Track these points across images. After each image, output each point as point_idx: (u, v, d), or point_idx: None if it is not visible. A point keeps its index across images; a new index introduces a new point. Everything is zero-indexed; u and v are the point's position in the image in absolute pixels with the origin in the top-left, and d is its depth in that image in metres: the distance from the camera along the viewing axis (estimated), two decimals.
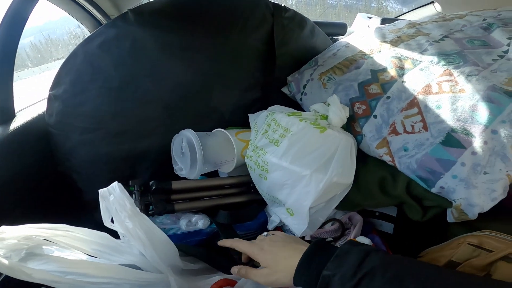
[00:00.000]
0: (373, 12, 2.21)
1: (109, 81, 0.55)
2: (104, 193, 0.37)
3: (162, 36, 0.56)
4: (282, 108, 0.57)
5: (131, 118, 0.57)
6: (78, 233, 0.36)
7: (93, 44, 0.54)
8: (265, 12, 0.65)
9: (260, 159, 0.50)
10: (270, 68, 0.67)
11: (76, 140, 0.56)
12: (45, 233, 0.34)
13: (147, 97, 0.57)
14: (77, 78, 0.54)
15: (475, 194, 0.43)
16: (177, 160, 0.56)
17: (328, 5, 2.14)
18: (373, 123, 0.52)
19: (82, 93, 0.54)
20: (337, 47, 0.70)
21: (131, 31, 0.55)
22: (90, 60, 0.54)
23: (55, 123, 0.56)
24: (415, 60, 0.55)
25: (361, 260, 0.30)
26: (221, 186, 0.57)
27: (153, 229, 0.38)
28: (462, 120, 0.44)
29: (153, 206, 0.50)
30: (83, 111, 0.55)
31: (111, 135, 0.57)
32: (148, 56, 0.56)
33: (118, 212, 0.36)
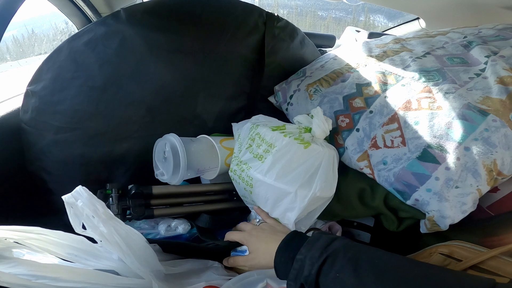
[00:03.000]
0: (361, 26, 2.28)
1: (91, 80, 0.53)
2: (69, 199, 0.35)
3: (152, 37, 0.55)
4: (266, 119, 0.56)
5: (111, 120, 0.55)
6: (53, 236, 0.34)
7: (79, 41, 0.52)
8: (257, 20, 0.65)
9: (245, 173, 0.50)
10: (257, 76, 0.67)
11: (50, 139, 0.53)
12: (16, 236, 0.32)
13: (130, 98, 0.56)
14: (58, 74, 0.52)
15: (447, 206, 0.45)
16: (158, 165, 0.55)
17: (318, 16, 2.20)
18: (355, 137, 0.54)
19: (61, 91, 0.52)
20: (325, 59, 0.72)
21: (121, 30, 0.53)
22: (74, 57, 0.52)
23: (29, 120, 0.53)
24: (398, 76, 0.56)
25: (327, 244, 0.35)
26: (203, 193, 0.56)
27: (130, 233, 0.37)
28: (438, 137, 0.47)
29: (131, 211, 0.48)
30: (61, 109, 0.53)
31: (89, 136, 0.55)
32: (135, 57, 0.55)
33: (90, 218, 0.34)
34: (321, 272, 0.33)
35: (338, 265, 0.33)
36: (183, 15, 0.58)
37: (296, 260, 0.36)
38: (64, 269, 0.33)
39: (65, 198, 0.34)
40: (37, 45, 1.85)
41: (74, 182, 0.41)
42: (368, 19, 2.30)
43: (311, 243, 0.37)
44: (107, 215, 0.35)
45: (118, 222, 0.36)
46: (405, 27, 1.28)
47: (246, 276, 0.42)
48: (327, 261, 0.34)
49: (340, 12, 2.31)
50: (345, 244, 0.35)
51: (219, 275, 0.46)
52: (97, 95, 0.54)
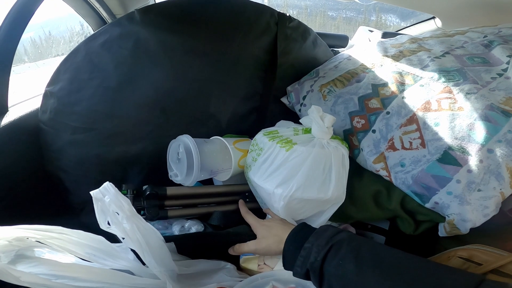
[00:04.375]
0: (372, 26, 2.25)
1: (107, 81, 0.54)
2: (98, 194, 0.35)
3: (165, 38, 0.56)
4: (284, 124, 0.57)
5: (126, 120, 0.56)
6: (73, 235, 0.34)
7: (96, 42, 0.53)
8: (269, 20, 0.64)
9: (247, 175, 0.54)
10: (270, 77, 0.67)
11: (68, 139, 0.54)
12: (39, 235, 0.32)
13: (145, 99, 0.56)
14: (75, 75, 0.53)
15: (468, 210, 0.44)
16: (172, 166, 0.55)
17: (328, 16, 2.17)
18: (371, 138, 0.53)
19: (79, 91, 0.53)
20: (339, 59, 0.71)
21: (135, 31, 0.54)
22: (90, 58, 0.53)
23: (48, 120, 0.54)
24: (416, 76, 0.55)
25: (333, 234, 0.38)
26: (216, 194, 0.56)
27: (150, 232, 0.38)
28: (460, 138, 0.45)
29: (145, 211, 0.49)
30: (78, 110, 0.54)
31: (104, 136, 0.55)
32: (149, 58, 0.55)
33: (115, 214, 0.34)
34: (326, 259, 0.36)
35: (342, 253, 0.35)
36: (195, 16, 0.58)
37: (303, 248, 0.38)
38: (83, 268, 0.34)
39: (93, 194, 0.34)
40: (54, 47, 1.89)
41: (90, 182, 0.42)
42: (380, 18, 2.26)
43: (319, 233, 0.39)
44: (131, 212, 0.35)
45: (140, 220, 0.36)
46: (420, 26, 1.25)
47: (253, 279, 0.43)
48: (332, 249, 0.36)
49: (350, 12, 2.29)
50: (350, 235, 0.38)
51: (231, 276, 0.46)
52: (112, 96, 0.54)
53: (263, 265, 0.47)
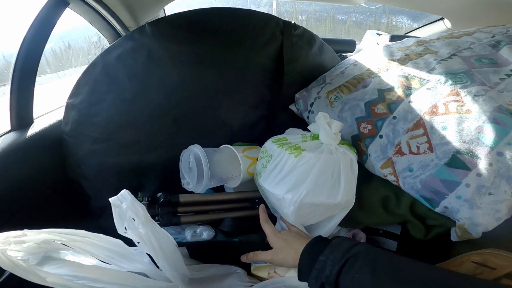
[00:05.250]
0: (383, 28, 2.22)
1: (123, 93, 0.57)
2: (116, 201, 0.37)
3: (174, 50, 0.59)
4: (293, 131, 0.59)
5: (141, 130, 0.59)
6: (94, 239, 0.37)
7: (111, 55, 0.57)
8: (275, 29, 0.66)
9: (257, 182, 0.55)
10: (277, 85, 0.68)
11: (88, 149, 0.58)
12: (64, 238, 0.35)
13: (158, 110, 0.59)
14: (94, 88, 0.57)
15: (479, 214, 0.43)
16: (184, 175, 0.57)
17: (337, 20, 2.16)
18: (378, 143, 0.53)
19: (97, 104, 0.57)
20: (345, 65, 0.71)
21: (147, 43, 0.57)
22: (107, 71, 0.57)
23: (70, 131, 0.58)
24: (422, 79, 0.55)
25: (349, 247, 0.37)
26: (226, 201, 0.58)
27: (164, 237, 0.40)
28: (468, 142, 0.45)
29: (159, 218, 0.51)
30: (96, 121, 0.57)
31: (121, 146, 0.59)
32: (160, 69, 0.58)
33: (131, 220, 0.37)
34: (342, 272, 0.35)
35: (358, 266, 0.34)
36: (202, 27, 0.61)
37: (318, 261, 0.38)
38: (102, 270, 0.36)
39: (112, 200, 0.37)
40: (74, 58, 1.99)
41: (109, 189, 0.45)
42: (391, 20, 2.23)
43: (334, 246, 0.39)
44: (146, 217, 0.38)
45: (155, 225, 0.39)
46: (429, 28, 1.24)
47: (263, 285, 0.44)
48: (348, 262, 0.35)
49: (360, 15, 2.27)
50: (366, 248, 0.38)
51: (241, 281, 0.47)
52: (128, 107, 0.58)
53: (274, 273, 0.48)
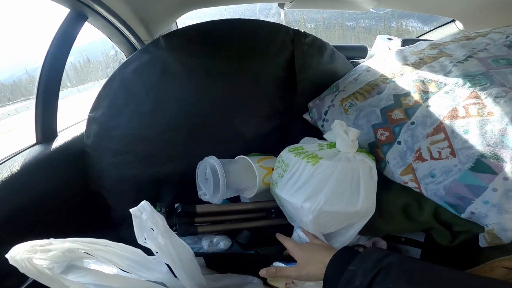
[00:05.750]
0: (393, 33, 2.20)
1: (140, 106, 0.59)
2: (136, 212, 0.39)
3: (188, 62, 0.60)
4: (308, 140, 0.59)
5: (158, 143, 0.60)
6: (116, 248, 0.37)
7: (129, 69, 0.59)
8: (285, 38, 0.67)
9: (273, 191, 0.55)
10: (290, 95, 0.68)
11: (108, 161, 0.60)
12: (87, 247, 0.36)
13: (174, 122, 0.60)
14: (113, 101, 0.59)
15: (508, 219, 0.41)
16: (201, 185, 0.58)
17: (347, 27, 2.16)
18: (397, 150, 0.52)
19: (117, 117, 0.59)
20: (358, 71, 0.71)
21: (161, 56, 0.59)
22: (125, 84, 0.59)
23: (91, 144, 0.60)
24: (439, 83, 0.54)
25: (381, 258, 0.35)
26: (243, 211, 0.58)
27: (181, 246, 0.40)
28: (492, 145, 0.43)
29: (177, 227, 0.51)
30: (116, 134, 0.59)
31: (139, 158, 0.60)
32: (175, 82, 0.60)
33: (151, 230, 0.38)
34: (373, 283, 0.33)
35: (392, 276, 0.32)
36: (213, 39, 0.63)
37: (347, 271, 0.36)
38: (123, 279, 0.37)
39: (132, 211, 0.38)
40: (93, 72, 2.09)
41: (128, 199, 0.46)
42: (400, 24, 2.22)
43: (365, 256, 0.37)
44: (165, 228, 0.38)
45: (173, 235, 0.39)
46: (441, 30, 1.22)
47: None
48: (381, 272, 0.33)
49: (369, 21, 2.27)
50: (400, 258, 0.35)
51: None
52: (145, 120, 0.59)
53: (291, 284, 0.47)
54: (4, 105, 2.19)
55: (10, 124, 2.19)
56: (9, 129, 2.15)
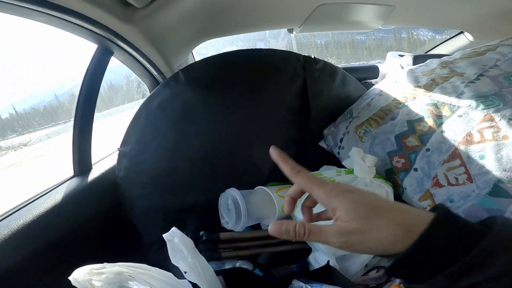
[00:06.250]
0: (405, 43, 2.19)
1: (165, 141, 0.63)
2: (168, 236, 0.43)
3: (206, 96, 0.64)
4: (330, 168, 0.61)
5: (182, 175, 0.65)
6: (153, 272, 0.41)
7: (153, 104, 0.64)
8: (296, 65, 0.69)
9: (293, 214, 0.57)
10: (305, 122, 0.70)
11: (138, 192, 0.64)
12: (131, 271, 0.40)
13: (196, 156, 0.64)
14: (141, 137, 0.64)
15: None
16: (224, 215, 0.61)
17: (357, 41, 2.17)
18: (413, 177, 0.52)
19: (144, 152, 0.64)
20: (371, 95, 0.72)
21: (181, 92, 0.63)
22: (150, 120, 0.64)
23: (123, 177, 0.65)
24: (452, 106, 0.54)
25: None
26: (264, 237, 0.60)
27: (207, 267, 0.44)
28: (509, 170, 0.44)
29: (202, 254, 0.54)
30: (145, 167, 0.64)
31: (166, 190, 0.64)
32: (195, 116, 0.64)
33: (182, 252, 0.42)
34: None
35: None
36: (227, 72, 0.66)
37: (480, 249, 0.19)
38: None
39: (165, 236, 0.42)
40: (116, 97, 2.20)
41: (156, 227, 0.50)
42: (411, 35, 2.20)
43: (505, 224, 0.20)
44: (193, 249, 0.43)
45: (200, 256, 0.43)
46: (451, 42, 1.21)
47: None
48: None
49: (379, 33, 2.27)
50: None
51: None
52: (170, 154, 0.64)
53: None
54: (36, 130, 2.34)
55: (42, 149, 2.32)
56: (41, 154, 2.28)
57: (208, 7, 0.68)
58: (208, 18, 0.75)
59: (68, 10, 0.46)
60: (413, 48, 2.06)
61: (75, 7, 0.46)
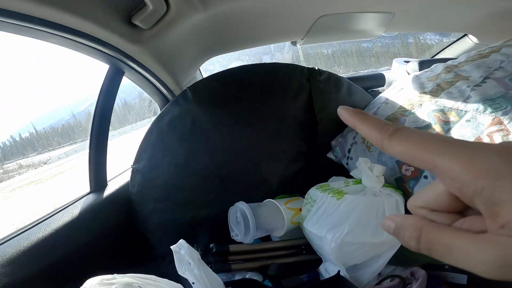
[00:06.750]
0: (412, 48, 2.17)
1: (176, 158, 0.65)
2: (176, 248, 0.45)
3: (213, 112, 0.66)
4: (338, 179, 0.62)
5: (193, 191, 0.66)
6: (162, 283, 0.43)
7: (163, 122, 0.66)
8: (301, 78, 0.70)
9: (302, 226, 0.58)
10: (312, 135, 0.71)
11: (151, 207, 0.66)
12: (141, 281, 0.42)
13: (206, 172, 0.66)
14: (152, 154, 0.66)
15: None
16: (233, 227, 0.62)
17: (364, 49, 2.16)
18: (424, 184, 0.52)
19: (156, 168, 0.66)
20: (377, 104, 0.71)
21: (190, 109, 0.66)
22: (161, 138, 0.66)
23: (136, 192, 0.67)
24: (459, 111, 0.53)
25: None
26: (273, 249, 0.60)
27: (214, 278, 0.45)
28: None
29: (212, 265, 0.55)
30: (157, 183, 0.66)
31: (177, 205, 0.66)
32: (204, 133, 0.66)
33: (188, 263, 0.43)
34: None
35: None
36: (234, 86, 0.68)
37: None
38: None
39: (173, 248, 0.44)
40: (130, 115, 2.28)
41: (169, 240, 0.51)
42: (418, 39, 2.18)
43: None
44: (200, 261, 0.44)
45: (206, 268, 0.44)
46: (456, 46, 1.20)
47: None
48: None
49: (385, 40, 2.27)
50: None
51: None
52: (181, 171, 0.66)
53: None
54: (55, 148, 2.46)
55: (60, 166, 2.43)
56: (60, 172, 2.38)
57: (212, 25, 0.71)
58: (212, 35, 0.78)
59: (80, 33, 0.50)
60: (422, 52, 2.04)
61: (87, 29, 0.50)
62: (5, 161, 4.58)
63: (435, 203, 0.15)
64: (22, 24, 0.42)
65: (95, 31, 0.51)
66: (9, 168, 5.07)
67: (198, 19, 0.64)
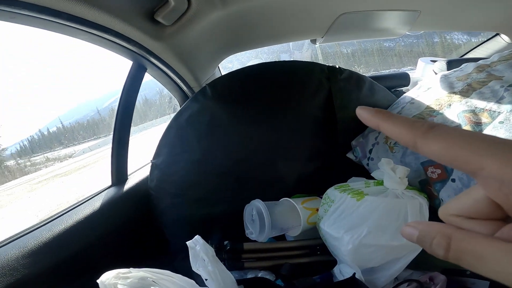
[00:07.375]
0: (438, 48, 2.07)
1: (193, 154, 0.66)
2: (191, 244, 0.45)
3: (231, 110, 0.66)
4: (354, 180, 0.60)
5: (208, 187, 0.67)
6: (176, 278, 0.43)
7: (182, 118, 0.67)
8: (320, 76, 0.68)
9: (318, 226, 0.57)
10: (331, 134, 0.69)
11: (168, 202, 0.67)
12: (155, 276, 0.42)
13: (221, 169, 0.66)
14: (171, 150, 0.67)
15: None
16: (248, 225, 0.62)
17: (385, 48, 2.08)
18: (451, 188, 0.49)
19: (174, 164, 0.67)
20: (401, 104, 0.69)
21: (209, 106, 0.66)
22: (180, 134, 0.67)
23: (154, 187, 0.68)
24: (492, 112, 0.51)
25: None
26: (287, 248, 0.59)
27: (227, 275, 0.45)
28: None
29: (226, 262, 0.55)
30: (174, 179, 0.67)
31: (193, 201, 0.67)
32: (222, 129, 0.66)
33: (203, 259, 0.43)
34: None
35: None
36: (252, 83, 0.68)
37: None
38: None
39: (188, 243, 0.44)
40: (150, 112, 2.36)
41: (184, 236, 0.51)
42: (444, 39, 2.08)
43: None
44: (214, 258, 0.44)
45: (220, 265, 0.44)
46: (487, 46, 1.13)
47: None
48: None
49: (408, 39, 2.18)
50: None
51: None
52: (197, 167, 0.66)
53: None
54: (80, 142, 2.58)
55: (84, 160, 2.55)
56: (83, 165, 2.50)
57: (231, 22, 0.71)
58: (232, 33, 0.78)
59: (108, 29, 0.51)
60: (448, 52, 1.94)
61: (114, 26, 0.51)
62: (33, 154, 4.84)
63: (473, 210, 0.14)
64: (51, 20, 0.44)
65: (121, 27, 0.52)
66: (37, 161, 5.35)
67: (217, 16, 0.64)
